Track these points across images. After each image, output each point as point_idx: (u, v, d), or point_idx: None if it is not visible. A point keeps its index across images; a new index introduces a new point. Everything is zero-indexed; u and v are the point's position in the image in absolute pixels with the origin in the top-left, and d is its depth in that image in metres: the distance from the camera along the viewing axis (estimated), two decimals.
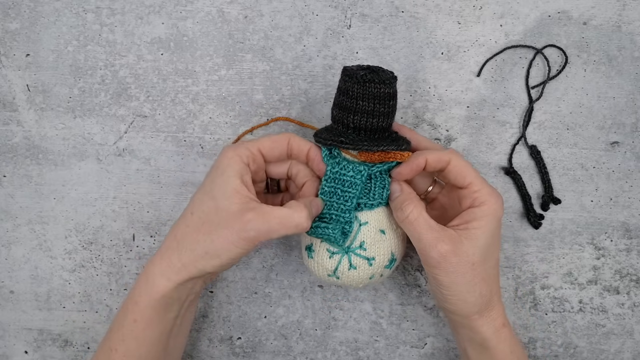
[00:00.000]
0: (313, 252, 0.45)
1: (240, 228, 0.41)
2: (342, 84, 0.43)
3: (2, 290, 0.56)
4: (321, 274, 0.46)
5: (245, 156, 0.43)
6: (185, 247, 0.42)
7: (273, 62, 0.53)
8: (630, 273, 0.54)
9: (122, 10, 0.53)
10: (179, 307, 0.45)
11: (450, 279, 0.42)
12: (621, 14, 0.52)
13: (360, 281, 0.45)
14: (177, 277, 0.42)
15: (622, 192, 0.53)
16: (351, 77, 0.42)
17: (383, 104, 0.43)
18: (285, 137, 0.45)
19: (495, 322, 0.44)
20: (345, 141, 0.43)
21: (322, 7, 0.53)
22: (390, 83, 0.42)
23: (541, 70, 0.53)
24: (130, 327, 0.43)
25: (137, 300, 0.43)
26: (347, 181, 0.44)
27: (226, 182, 0.42)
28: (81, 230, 0.55)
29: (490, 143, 0.53)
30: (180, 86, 0.54)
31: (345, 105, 0.43)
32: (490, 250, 0.44)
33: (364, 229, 0.44)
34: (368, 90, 0.42)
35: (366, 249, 0.44)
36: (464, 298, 0.43)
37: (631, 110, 0.53)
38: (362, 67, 0.44)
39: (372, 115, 0.43)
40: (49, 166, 0.55)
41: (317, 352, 0.55)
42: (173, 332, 0.46)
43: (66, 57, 0.54)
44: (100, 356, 0.45)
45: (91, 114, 0.54)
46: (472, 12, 0.52)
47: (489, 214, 0.43)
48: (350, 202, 0.44)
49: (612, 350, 0.54)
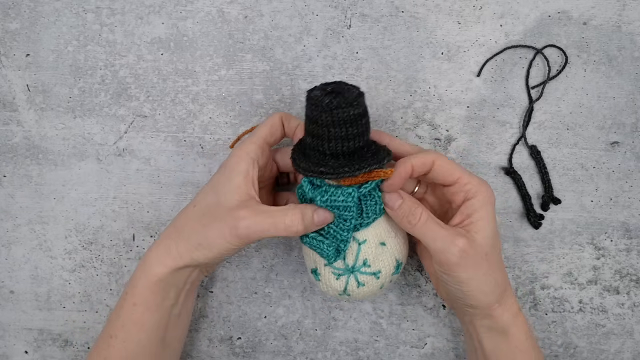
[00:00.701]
0: (319, 275, 0.45)
1: (232, 225, 0.42)
2: (310, 112, 0.41)
3: (2, 290, 0.56)
4: (332, 294, 0.46)
5: (253, 151, 0.44)
6: (183, 237, 0.44)
7: (273, 62, 0.53)
8: (630, 273, 0.54)
9: (122, 10, 0.53)
10: (176, 294, 0.46)
11: (469, 274, 0.42)
12: (621, 14, 0.52)
13: (372, 294, 0.46)
14: (173, 264, 0.44)
15: (622, 192, 0.53)
16: (317, 105, 0.40)
17: (355, 125, 0.41)
18: (278, 117, 0.47)
19: (513, 308, 0.45)
20: (326, 171, 0.41)
21: (322, 7, 0.53)
22: (358, 103, 0.40)
23: (541, 70, 0.53)
24: (130, 311, 0.45)
25: (136, 284, 0.45)
26: (340, 206, 0.43)
27: (231, 179, 0.43)
28: (81, 230, 0.55)
29: (490, 143, 0.53)
30: (180, 86, 0.54)
31: (317, 133, 0.41)
32: (496, 238, 0.44)
33: (364, 248, 0.44)
34: (337, 116, 0.40)
35: (370, 265, 0.44)
36: (483, 290, 0.43)
37: (631, 110, 0.53)
38: (326, 89, 0.41)
39: (347, 139, 0.41)
40: (49, 166, 0.55)
41: (317, 352, 0.55)
42: (171, 323, 0.47)
43: (66, 57, 0.54)
44: (101, 344, 0.46)
45: (91, 114, 0.54)
46: (472, 12, 0.52)
47: (486, 202, 0.44)
48: (349, 223, 0.43)
49: (612, 350, 0.54)
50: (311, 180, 0.44)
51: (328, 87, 0.42)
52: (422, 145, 0.53)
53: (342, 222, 0.43)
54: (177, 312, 0.47)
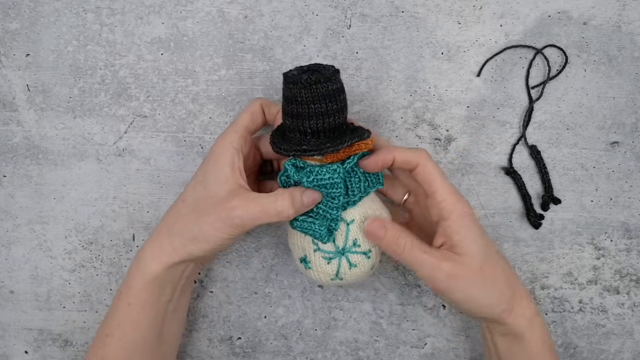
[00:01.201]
0: (309, 262, 0.45)
1: (225, 215, 0.42)
2: (288, 92, 0.42)
3: (2, 290, 0.56)
4: (323, 280, 0.46)
5: (236, 140, 0.44)
6: (176, 232, 0.44)
7: (273, 62, 0.53)
8: (630, 273, 0.54)
9: (122, 10, 0.53)
10: (172, 290, 0.46)
11: (465, 294, 0.42)
12: (621, 14, 0.52)
13: (364, 275, 0.46)
14: (168, 260, 0.44)
15: (622, 192, 0.53)
16: (295, 82, 0.41)
17: (334, 100, 0.42)
18: (258, 104, 0.47)
19: (528, 312, 0.44)
20: (309, 148, 0.42)
21: (322, 7, 0.53)
22: (335, 78, 0.42)
23: (541, 70, 0.53)
24: (125, 311, 0.44)
25: (131, 284, 0.44)
26: (327, 184, 0.43)
27: (218, 170, 0.43)
28: (81, 230, 0.55)
29: (490, 143, 0.53)
30: (180, 86, 0.54)
31: (296, 112, 0.42)
32: (487, 248, 0.43)
33: (352, 228, 0.44)
34: (316, 92, 0.41)
35: (360, 245, 0.44)
36: (485, 304, 0.43)
37: (631, 110, 0.53)
38: (302, 69, 0.43)
39: (327, 115, 0.42)
40: (49, 166, 0.55)
41: (317, 352, 0.55)
42: (167, 318, 0.47)
43: (66, 57, 0.54)
44: (97, 343, 0.46)
45: (91, 114, 0.54)
46: (472, 12, 0.52)
47: (462, 219, 0.42)
48: (338, 200, 0.43)
49: (612, 350, 0.54)
50: (294, 163, 0.44)
51: (304, 67, 0.43)
52: (422, 146, 0.53)
53: (331, 200, 0.44)
54: (172, 308, 0.47)
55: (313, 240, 0.45)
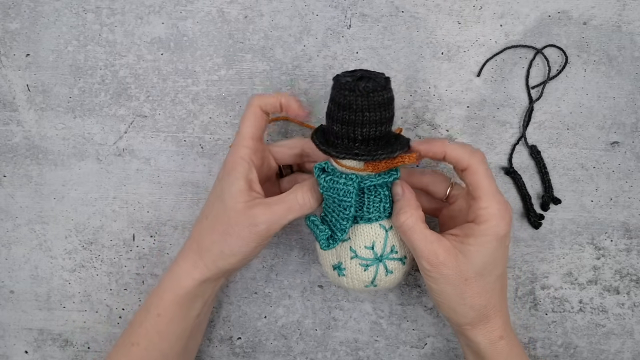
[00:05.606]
0: (344, 269, 0.45)
1: (250, 223, 0.43)
2: (343, 99, 0.41)
3: (2, 290, 0.56)
4: (357, 287, 0.46)
5: (246, 154, 0.45)
6: (204, 249, 0.45)
7: (273, 62, 0.53)
8: (630, 273, 0.54)
9: (122, 10, 0.53)
10: (202, 305, 0.47)
11: (440, 287, 0.42)
12: (621, 14, 0.52)
13: (397, 282, 0.46)
14: (200, 276, 0.45)
15: (622, 192, 0.53)
16: (352, 90, 0.40)
17: (388, 109, 0.42)
18: (255, 106, 0.46)
19: (491, 335, 0.43)
20: (360, 153, 0.41)
21: (322, 7, 0.53)
22: (389, 87, 0.42)
23: (541, 70, 0.53)
24: (154, 321, 0.45)
25: (162, 297, 0.46)
26: (341, 189, 0.43)
27: (232, 184, 0.44)
28: (81, 230, 0.55)
29: (490, 143, 0.53)
30: (180, 86, 0.54)
31: (349, 119, 0.41)
32: (489, 268, 0.42)
33: (390, 234, 0.45)
34: (373, 100, 0.40)
35: (397, 252, 0.45)
36: (453, 307, 0.43)
37: (631, 110, 0.53)
38: (354, 75, 0.42)
39: (380, 123, 0.41)
40: (49, 166, 0.55)
41: (317, 352, 0.55)
42: (193, 331, 0.48)
43: (66, 57, 0.54)
44: (121, 350, 0.46)
45: (91, 114, 0.54)
46: (472, 12, 0.52)
47: (489, 234, 0.42)
48: (348, 211, 0.43)
49: (612, 350, 0.54)
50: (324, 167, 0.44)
51: (356, 73, 0.42)
52: None
53: (342, 210, 0.43)
54: (199, 321, 0.48)
55: (351, 247, 0.45)
